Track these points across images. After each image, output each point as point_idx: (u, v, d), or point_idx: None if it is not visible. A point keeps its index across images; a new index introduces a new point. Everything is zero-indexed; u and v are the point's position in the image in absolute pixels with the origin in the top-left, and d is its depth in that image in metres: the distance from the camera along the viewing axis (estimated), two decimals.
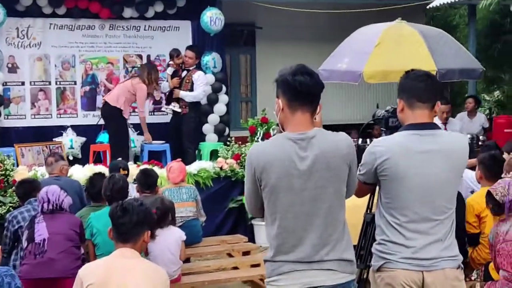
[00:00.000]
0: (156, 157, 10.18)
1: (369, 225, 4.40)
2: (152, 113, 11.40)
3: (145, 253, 5.79)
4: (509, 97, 15.36)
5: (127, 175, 7.03)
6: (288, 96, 3.28)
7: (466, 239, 5.55)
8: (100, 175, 6.84)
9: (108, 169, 7.66)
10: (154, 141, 10.52)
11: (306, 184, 3.20)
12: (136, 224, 3.95)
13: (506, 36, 13.10)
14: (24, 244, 5.67)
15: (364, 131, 9.42)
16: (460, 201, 5.48)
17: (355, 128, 10.30)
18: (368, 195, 4.29)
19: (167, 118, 11.06)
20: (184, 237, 6.16)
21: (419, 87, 3.65)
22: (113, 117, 10.01)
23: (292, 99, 3.27)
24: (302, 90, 3.24)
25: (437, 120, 10.96)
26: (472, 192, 6.35)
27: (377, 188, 3.79)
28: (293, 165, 3.19)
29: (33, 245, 5.55)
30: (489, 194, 4.73)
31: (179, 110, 10.48)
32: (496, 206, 4.65)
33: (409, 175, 3.55)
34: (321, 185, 3.21)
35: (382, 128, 4.22)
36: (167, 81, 10.78)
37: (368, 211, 4.41)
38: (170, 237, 6.00)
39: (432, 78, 3.78)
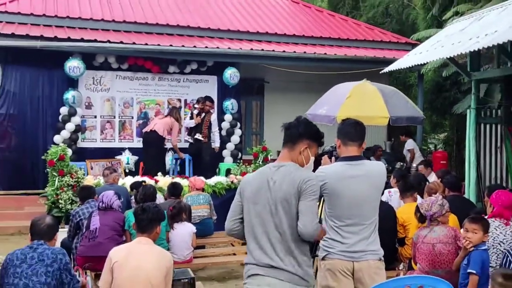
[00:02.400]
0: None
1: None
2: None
3: (167, 240, 5.90)
4: (449, 138, 15.27)
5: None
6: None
7: (396, 240, 5.58)
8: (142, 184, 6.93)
9: (130, 186, 7.82)
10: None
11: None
12: (151, 220, 3.99)
13: (445, 93, 13.08)
14: (83, 230, 5.76)
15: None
16: (390, 212, 5.53)
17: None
18: (320, 204, 4.33)
19: (185, 145, 11.10)
20: (195, 230, 6.16)
21: (350, 131, 3.72)
22: (158, 142, 10.06)
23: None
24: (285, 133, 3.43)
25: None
26: None
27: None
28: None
29: (88, 231, 5.66)
30: (417, 208, 4.76)
31: (201, 139, 10.63)
32: (421, 217, 4.68)
33: (343, 193, 3.61)
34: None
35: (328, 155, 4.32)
36: (191, 118, 10.83)
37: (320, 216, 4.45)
38: (185, 230, 6.04)
39: (361, 125, 3.79)
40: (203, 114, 10.66)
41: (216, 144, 10.77)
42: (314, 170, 3.82)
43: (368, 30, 14.44)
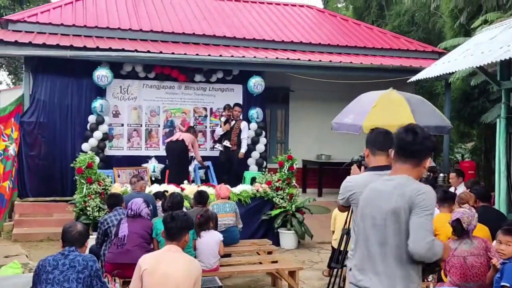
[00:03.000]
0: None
1: (345, 237, 4.41)
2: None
3: (194, 248, 5.89)
4: (477, 147, 15.01)
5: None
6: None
7: None
8: (164, 194, 6.96)
9: (154, 194, 7.80)
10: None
11: None
12: (180, 228, 3.99)
13: (473, 102, 12.89)
14: (112, 237, 5.77)
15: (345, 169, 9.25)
16: None
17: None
18: (347, 214, 4.31)
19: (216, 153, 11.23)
20: (222, 238, 6.13)
21: (379, 140, 3.65)
22: (183, 151, 10.12)
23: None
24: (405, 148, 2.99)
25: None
26: None
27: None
28: None
29: (117, 239, 5.68)
30: (458, 221, 4.55)
31: (230, 146, 10.67)
32: (460, 231, 4.52)
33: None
34: None
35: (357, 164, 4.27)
36: (220, 126, 10.92)
37: (345, 226, 4.42)
38: (212, 238, 6.00)
39: (390, 134, 3.66)
40: (233, 122, 10.75)
41: (242, 150, 10.80)
42: (343, 180, 3.80)
43: (394, 39, 14.37)
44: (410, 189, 2.81)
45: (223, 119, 10.87)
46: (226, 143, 10.68)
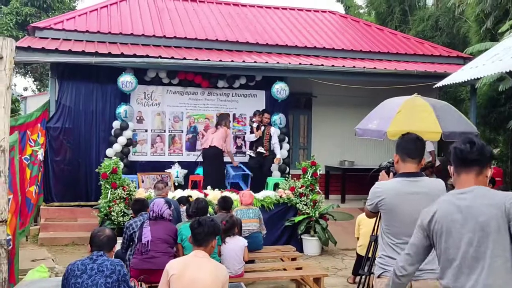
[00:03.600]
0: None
1: (373, 244, 4.37)
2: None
3: (218, 254, 5.89)
4: (503, 153, 14.77)
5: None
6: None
7: None
8: (187, 199, 6.97)
9: (178, 199, 7.76)
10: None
11: None
12: (207, 234, 3.99)
13: (500, 108, 12.70)
14: (136, 242, 5.76)
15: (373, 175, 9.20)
16: None
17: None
18: (376, 221, 4.27)
19: (241, 158, 11.29)
20: (246, 244, 6.13)
21: (410, 148, 3.63)
22: (218, 156, 10.28)
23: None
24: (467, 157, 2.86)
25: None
26: None
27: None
28: None
29: (141, 244, 5.69)
30: None
31: (264, 152, 10.77)
32: None
33: (400, 209, 3.53)
34: None
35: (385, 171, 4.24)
36: (251, 132, 10.93)
37: (373, 233, 4.38)
38: (237, 244, 6.01)
39: (421, 140, 3.68)
40: (262, 127, 10.81)
41: (278, 155, 10.92)
42: (368, 186, 3.77)
43: (417, 44, 14.25)
44: (499, 197, 2.70)
45: (254, 125, 10.89)
46: (260, 149, 10.73)
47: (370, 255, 4.59)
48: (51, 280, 5.46)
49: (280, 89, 11.09)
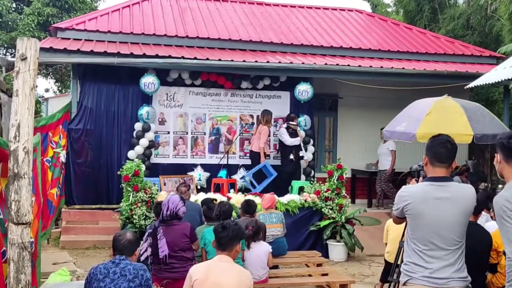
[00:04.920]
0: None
1: (402, 250, 4.30)
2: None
3: (242, 259, 5.88)
4: None
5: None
6: (503, 154, 3.15)
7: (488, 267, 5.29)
8: (212, 202, 6.96)
9: (201, 202, 7.55)
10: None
11: None
12: (231, 238, 3.98)
13: None
14: (148, 250, 5.39)
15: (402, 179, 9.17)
16: (483, 235, 5.23)
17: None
18: (404, 225, 4.20)
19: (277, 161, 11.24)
20: (271, 250, 6.12)
21: (440, 152, 3.57)
22: (256, 159, 10.61)
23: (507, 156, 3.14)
24: None
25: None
26: None
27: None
28: None
29: (158, 258, 5.36)
30: None
31: (304, 156, 10.89)
32: None
33: (426, 215, 3.48)
34: None
35: (415, 178, 4.14)
36: (291, 136, 10.71)
37: (402, 239, 4.32)
38: (261, 249, 6.01)
39: (452, 144, 3.62)
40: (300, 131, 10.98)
41: (305, 157, 11.01)
42: (398, 190, 3.72)
43: (448, 43, 14.08)
44: None
45: (298, 128, 10.88)
46: (302, 153, 10.78)
47: (399, 262, 4.54)
48: (73, 284, 5.54)
49: (303, 91, 11.05)
